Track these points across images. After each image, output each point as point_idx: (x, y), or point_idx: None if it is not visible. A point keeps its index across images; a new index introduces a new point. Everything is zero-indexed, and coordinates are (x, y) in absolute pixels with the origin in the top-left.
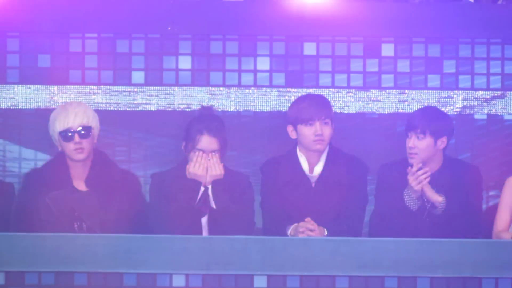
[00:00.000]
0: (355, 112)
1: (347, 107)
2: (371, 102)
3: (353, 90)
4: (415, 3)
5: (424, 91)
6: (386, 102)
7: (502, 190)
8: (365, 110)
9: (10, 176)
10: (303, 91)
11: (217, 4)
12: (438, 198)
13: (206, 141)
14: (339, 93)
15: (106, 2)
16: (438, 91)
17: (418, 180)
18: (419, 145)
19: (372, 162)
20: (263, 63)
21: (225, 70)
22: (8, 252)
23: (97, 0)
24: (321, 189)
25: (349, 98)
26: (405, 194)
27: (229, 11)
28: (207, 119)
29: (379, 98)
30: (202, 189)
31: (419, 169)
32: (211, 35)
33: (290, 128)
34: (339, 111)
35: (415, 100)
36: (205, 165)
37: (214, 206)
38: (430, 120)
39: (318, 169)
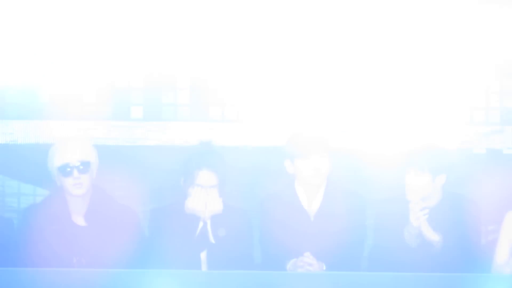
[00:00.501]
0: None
1: None
2: None
3: None
4: None
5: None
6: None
7: (502, 224)
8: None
9: (9, 211)
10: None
11: None
12: (435, 238)
13: (205, 177)
14: None
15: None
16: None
17: (416, 216)
18: (417, 181)
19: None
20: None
21: (224, 104)
22: (7, 287)
23: None
24: (319, 222)
25: None
26: (405, 231)
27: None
28: (205, 155)
29: None
30: (201, 223)
31: (419, 206)
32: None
33: (287, 163)
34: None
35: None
36: (204, 200)
37: (213, 241)
38: (430, 156)
39: (317, 202)
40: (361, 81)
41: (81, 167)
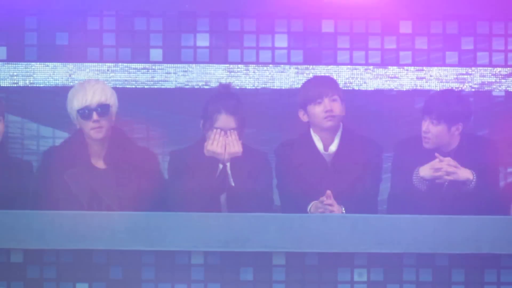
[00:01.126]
0: (373, 89)
1: (365, 84)
2: (389, 79)
3: (371, 67)
4: None
5: (442, 68)
6: (404, 79)
7: None
8: (383, 87)
9: (28, 154)
10: (321, 68)
11: None
12: (469, 176)
13: (224, 120)
14: (357, 70)
15: None
16: (456, 67)
17: (447, 172)
18: (433, 130)
19: (390, 139)
20: (281, 41)
21: (243, 47)
22: (27, 230)
23: None
24: (337, 168)
25: (367, 75)
26: (414, 175)
27: None
28: (224, 98)
29: (397, 75)
30: (220, 166)
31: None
32: (229, 13)
33: (301, 113)
34: (357, 88)
35: (433, 77)
36: (223, 142)
37: (232, 184)
38: (446, 106)
39: (333, 147)
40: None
41: (101, 110)
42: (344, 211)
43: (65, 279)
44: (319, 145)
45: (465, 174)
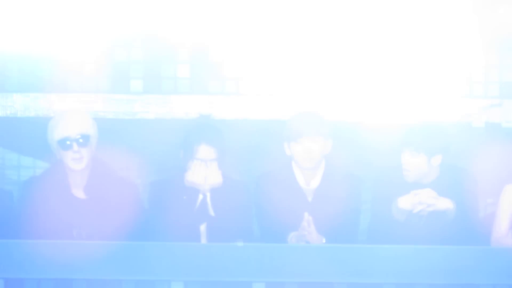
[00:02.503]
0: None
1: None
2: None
3: None
4: None
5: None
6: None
7: (500, 197)
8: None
9: (9, 183)
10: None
11: None
12: (449, 205)
13: (204, 151)
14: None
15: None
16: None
17: (427, 204)
18: (413, 162)
19: (370, 171)
20: None
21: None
22: (8, 259)
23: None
24: (317, 203)
25: None
26: (393, 206)
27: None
28: (204, 129)
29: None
30: (200, 196)
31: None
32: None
33: (285, 145)
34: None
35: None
36: (204, 173)
37: (212, 214)
38: (425, 138)
39: (315, 183)
40: (359, 55)
41: (81, 140)
42: (324, 242)
43: None
44: (300, 180)
45: (445, 203)
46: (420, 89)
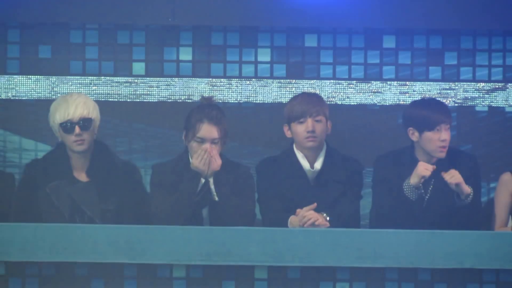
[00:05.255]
0: (356, 104)
1: (348, 99)
2: (372, 94)
3: (355, 81)
4: None
5: (426, 82)
6: (387, 94)
7: (496, 187)
8: (366, 102)
9: (11, 166)
10: (304, 83)
11: None
12: (468, 190)
13: (207, 130)
14: (340, 85)
15: None
16: (439, 82)
17: (455, 178)
18: (449, 137)
19: (372, 154)
20: (264, 55)
21: (226, 61)
22: (9, 243)
23: None
24: (319, 185)
25: (350, 90)
26: (404, 185)
27: (231, 2)
28: (207, 108)
29: (380, 90)
30: (202, 180)
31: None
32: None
33: (286, 128)
34: (340, 103)
35: (416, 92)
36: (208, 160)
37: (216, 198)
38: (450, 112)
39: (318, 165)
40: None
41: (83, 123)
42: (327, 218)
43: None
44: (303, 162)
45: (466, 187)
46: (424, 72)
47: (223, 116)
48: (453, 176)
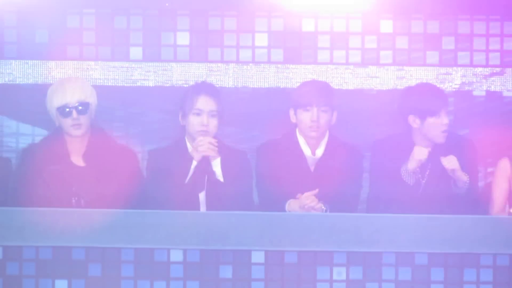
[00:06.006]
0: (353, 88)
1: (345, 84)
2: (369, 78)
3: (352, 66)
4: None
5: (423, 67)
6: (385, 78)
7: (494, 173)
8: (363, 86)
9: (8, 151)
10: (301, 68)
11: None
12: (464, 178)
13: (204, 101)
14: (338, 70)
15: None
16: (437, 67)
17: (452, 164)
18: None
19: (369, 139)
20: (262, 39)
21: (223, 46)
22: (6, 227)
23: None
24: (320, 172)
25: (347, 74)
26: (402, 170)
27: None
28: (203, 84)
29: (377, 75)
30: (194, 163)
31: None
32: (209, 11)
33: (291, 112)
34: (337, 87)
35: (413, 76)
36: (207, 146)
37: (221, 179)
38: (447, 96)
39: (319, 152)
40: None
41: (80, 108)
42: (324, 208)
43: (44, 276)
44: (305, 148)
45: (464, 175)
46: (421, 57)
47: (219, 91)
48: (450, 162)
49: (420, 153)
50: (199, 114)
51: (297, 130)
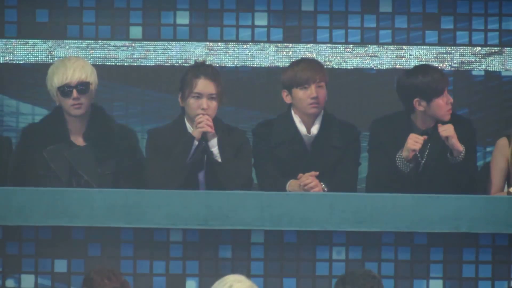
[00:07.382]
0: (352, 68)
1: (344, 63)
2: (369, 57)
3: (351, 45)
4: None
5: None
6: (384, 58)
7: (493, 152)
8: (362, 66)
9: (8, 130)
10: (301, 47)
11: None
12: (460, 147)
13: (203, 84)
14: (337, 49)
15: None
16: (436, 47)
17: (447, 131)
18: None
19: (368, 118)
20: (261, 19)
21: (223, 25)
22: (5, 207)
23: None
24: (316, 150)
25: (347, 53)
26: (397, 157)
27: None
28: (202, 66)
29: (377, 54)
30: (195, 143)
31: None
32: None
33: (285, 93)
34: (336, 67)
35: (413, 56)
36: (207, 123)
37: (219, 160)
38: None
39: (315, 130)
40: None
41: (81, 87)
42: (325, 189)
43: (43, 256)
44: (300, 127)
45: (458, 143)
46: (420, 36)
47: (219, 74)
48: (445, 130)
49: (413, 142)
50: (199, 98)
51: (292, 109)
